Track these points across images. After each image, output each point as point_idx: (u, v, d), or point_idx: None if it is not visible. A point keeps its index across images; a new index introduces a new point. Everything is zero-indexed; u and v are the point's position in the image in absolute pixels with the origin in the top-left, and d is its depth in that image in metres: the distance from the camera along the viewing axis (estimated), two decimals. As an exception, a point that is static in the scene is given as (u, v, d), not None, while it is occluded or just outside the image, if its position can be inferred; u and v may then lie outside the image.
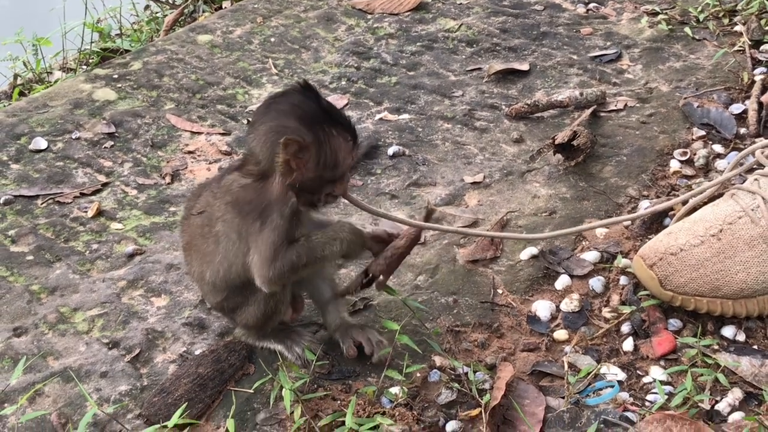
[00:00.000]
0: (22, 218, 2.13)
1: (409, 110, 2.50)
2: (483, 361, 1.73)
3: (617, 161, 2.23)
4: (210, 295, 1.72)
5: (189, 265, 1.74)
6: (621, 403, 1.62)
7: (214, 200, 1.63)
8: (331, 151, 1.56)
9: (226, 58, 2.78)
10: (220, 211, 1.61)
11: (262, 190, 1.57)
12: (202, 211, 1.64)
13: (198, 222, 1.65)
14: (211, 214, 1.62)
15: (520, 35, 2.82)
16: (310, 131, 1.52)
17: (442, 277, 1.93)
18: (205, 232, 1.64)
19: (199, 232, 1.65)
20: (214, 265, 1.64)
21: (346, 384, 1.69)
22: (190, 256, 1.71)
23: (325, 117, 1.56)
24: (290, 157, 1.51)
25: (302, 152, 1.52)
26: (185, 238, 1.72)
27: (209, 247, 1.63)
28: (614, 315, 1.82)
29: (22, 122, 2.48)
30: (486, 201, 2.14)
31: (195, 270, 1.70)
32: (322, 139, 1.54)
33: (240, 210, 1.58)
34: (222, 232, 1.61)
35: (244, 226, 1.58)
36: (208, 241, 1.63)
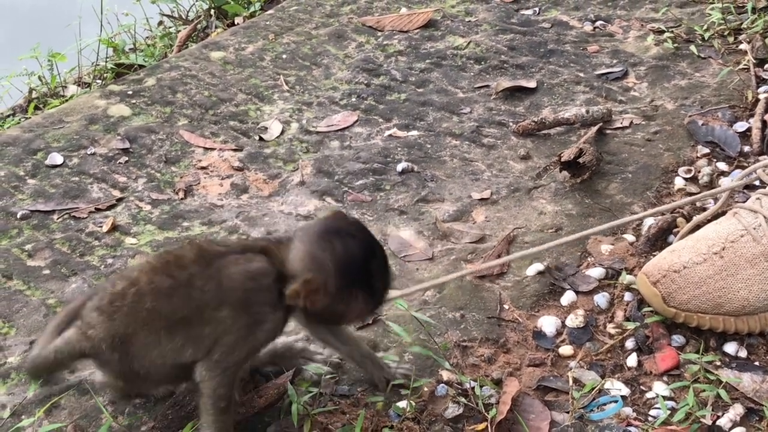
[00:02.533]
0: (39, 233, 2.18)
1: (417, 127, 2.54)
2: (489, 376, 1.76)
3: (622, 178, 2.27)
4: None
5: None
6: (624, 418, 1.66)
7: (219, 284, 1.51)
8: (344, 307, 1.54)
9: (238, 75, 2.83)
10: (226, 297, 1.51)
11: (269, 294, 1.52)
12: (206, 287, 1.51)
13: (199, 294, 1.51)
14: (215, 297, 1.51)
15: (527, 53, 2.86)
16: (339, 284, 1.49)
17: (450, 292, 1.96)
18: (202, 314, 1.51)
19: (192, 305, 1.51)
20: (193, 346, 1.52)
21: (354, 398, 1.72)
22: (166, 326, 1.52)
23: (362, 278, 1.52)
24: (303, 292, 1.48)
25: (316, 295, 1.49)
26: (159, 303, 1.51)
27: (202, 332, 1.52)
28: (619, 331, 1.85)
29: (38, 138, 2.53)
30: (493, 217, 2.18)
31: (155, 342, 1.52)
32: (344, 296, 1.51)
33: (243, 303, 1.51)
34: (214, 319, 1.51)
35: (235, 322, 1.51)
36: (202, 327, 1.51)
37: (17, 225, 2.20)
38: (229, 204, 2.27)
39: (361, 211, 2.22)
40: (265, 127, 2.57)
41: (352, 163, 2.40)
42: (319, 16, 3.17)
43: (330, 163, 2.40)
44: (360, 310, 1.57)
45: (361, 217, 2.20)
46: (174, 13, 3.72)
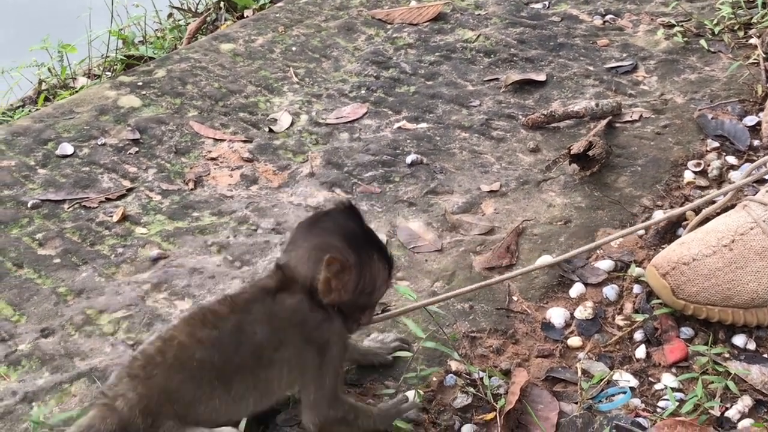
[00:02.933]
0: (49, 222, 2.19)
1: (427, 119, 2.54)
2: (498, 367, 1.77)
3: (632, 171, 2.27)
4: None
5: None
6: (633, 409, 1.66)
7: (244, 328, 1.49)
8: (371, 276, 1.53)
9: (248, 67, 2.83)
10: (281, 336, 1.49)
11: (316, 316, 1.50)
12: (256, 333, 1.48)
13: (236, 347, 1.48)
14: (269, 338, 1.49)
15: (537, 46, 2.86)
16: (354, 253, 1.49)
17: (459, 283, 1.97)
18: (261, 358, 1.49)
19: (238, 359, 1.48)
20: (228, 402, 1.48)
21: (363, 388, 1.73)
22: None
23: (368, 240, 1.54)
24: (332, 276, 1.47)
25: (344, 273, 1.48)
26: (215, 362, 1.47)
27: (266, 376, 1.50)
28: (627, 323, 1.85)
29: (48, 128, 2.54)
30: (502, 209, 2.18)
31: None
32: (365, 262, 1.51)
33: (301, 336, 1.50)
34: (285, 359, 1.50)
35: (303, 356, 1.51)
36: (263, 371, 1.49)
37: (28, 214, 2.21)
38: (238, 195, 2.28)
39: (370, 203, 2.22)
40: (275, 119, 2.58)
41: (361, 154, 2.40)
42: (329, 8, 3.18)
43: (339, 154, 2.40)
44: (383, 275, 1.56)
45: (371, 209, 2.20)
46: (184, 6, 3.73)
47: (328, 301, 1.50)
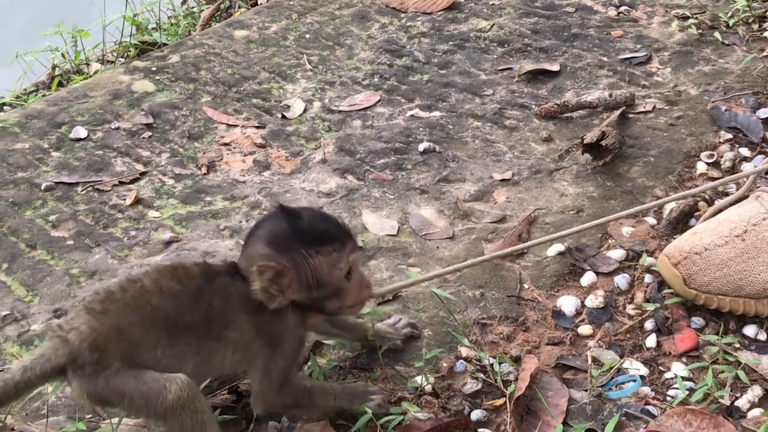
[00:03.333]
0: (63, 204, 2.20)
1: (440, 108, 2.54)
2: (508, 353, 1.77)
3: (645, 162, 2.27)
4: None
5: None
6: (643, 397, 1.66)
7: (203, 294, 1.51)
8: (314, 269, 1.52)
9: (261, 54, 2.83)
10: (233, 317, 1.52)
11: (267, 313, 1.52)
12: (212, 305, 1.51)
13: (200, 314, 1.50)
14: (200, 309, 1.50)
15: (551, 36, 2.86)
16: (284, 255, 1.50)
17: (470, 270, 1.97)
18: (210, 328, 1.51)
19: (199, 324, 1.50)
20: (170, 357, 1.49)
21: (373, 371, 1.74)
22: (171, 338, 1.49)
23: (299, 239, 1.52)
24: (267, 284, 1.48)
25: (279, 277, 1.49)
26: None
27: (210, 346, 1.52)
28: (638, 312, 1.85)
29: (62, 111, 2.55)
30: (514, 198, 2.18)
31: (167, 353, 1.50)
32: (298, 260, 1.51)
33: (251, 325, 1.53)
34: (231, 339, 1.52)
35: (252, 344, 1.53)
36: (209, 341, 1.51)
37: (41, 196, 2.22)
38: (251, 180, 2.29)
39: (382, 190, 2.23)
40: (288, 106, 2.58)
41: (374, 142, 2.40)
42: (343, -4, 3.18)
43: (352, 141, 2.41)
44: (329, 261, 1.53)
45: (383, 196, 2.20)
46: (197, -7, 3.73)
47: (277, 306, 1.50)
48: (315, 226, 1.55)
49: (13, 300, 1.92)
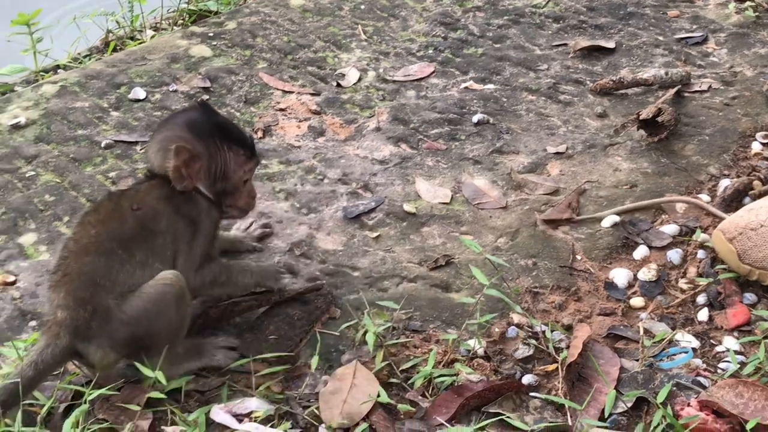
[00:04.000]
0: (122, 162, 2.24)
1: (494, 81, 2.55)
2: (560, 322, 1.79)
3: (699, 140, 2.27)
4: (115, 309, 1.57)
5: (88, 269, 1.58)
6: (694, 368, 1.67)
7: (123, 206, 1.64)
8: (223, 163, 1.68)
9: (317, 23, 2.86)
10: (157, 209, 1.65)
11: (181, 196, 1.66)
12: (138, 208, 1.64)
13: (120, 225, 1.62)
14: (130, 218, 1.63)
15: (606, 14, 2.86)
16: (201, 142, 1.65)
17: (523, 240, 1.99)
18: (146, 228, 1.63)
19: (118, 236, 1.60)
20: (138, 268, 1.60)
21: (426, 334, 1.76)
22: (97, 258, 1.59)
23: (218, 132, 1.68)
24: (181, 165, 1.62)
25: (192, 160, 1.63)
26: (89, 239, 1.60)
27: (157, 243, 1.63)
28: (691, 286, 1.86)
29: (121, 73, 2.59)
30: (568, 171, 2.19)
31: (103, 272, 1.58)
32: (213, 150, 1.67)
33: (172, 210, 1.66)
34: (163, 229, 1.64)
35: (177, 227, 1.66)
36: (154, 239, 1.63)
37: (101, 153, 2.27)
38: (306, 145, 2.31)
39: (435, 159, 2.25)
40: (343, 74, 2.60)
41: (427, 112, 2.42)
42: (398, -31, 3.19)
43: (406, 111, 2.43)
44: (238, 161, 1.70)
45: (436, 165, 2.22)
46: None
47: (182, 188, 1.64)
48: (233, 129, 1.74)
49: (74, 252, 1.96)
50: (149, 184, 1.68)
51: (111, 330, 1.54)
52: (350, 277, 1.89)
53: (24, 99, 2.49)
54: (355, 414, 1.58)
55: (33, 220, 2.05)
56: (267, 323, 1.75)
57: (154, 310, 1.56)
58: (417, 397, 1.62)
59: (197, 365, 1.66)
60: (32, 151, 2.27)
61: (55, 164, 2.23)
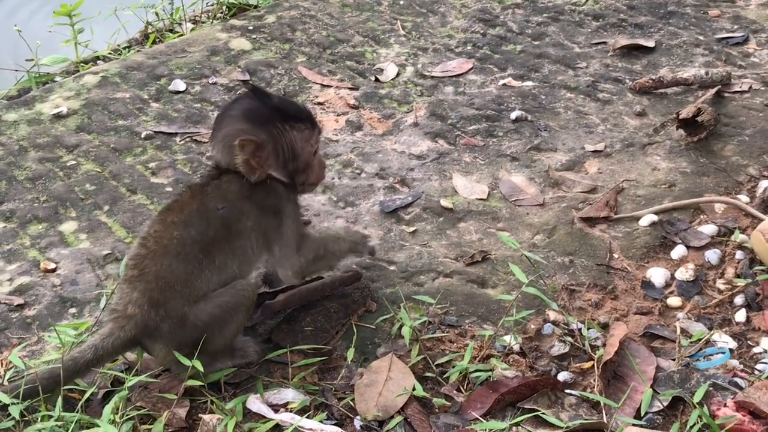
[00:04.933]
0: (162, 153, 2.26)
1: (532, 78, 2.55)
2: (596, 320, 1.79)
3: (739, 141, 2.25)
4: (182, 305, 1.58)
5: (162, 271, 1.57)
6: (731, 369, 1.66)
7: (207, 207, 1.63)
8: (290, 143, 1.66)
9: (356, 18, 2.87)
10: (238, 208, 1.64)
11: (259, 189, 1.66)
12: (223, 207, 1.63)
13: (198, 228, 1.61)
14: (212, 220, 1.62)
15: (647, 13, 2.84)
16: (263, 129, 1.63)
17: (560, 237, 1.98)
18: (229, 229, 1.63)
19: (195, 238, 1.60)
20: (216, 273, 1.61)
21: (461, 329, 1.76)
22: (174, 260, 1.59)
23: (275, 115, 1.65)
24: (249, 157, 1.61)
25: (259, 150, 1.62)
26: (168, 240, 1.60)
27: (239, 244, 1.64)
28: (728, 287, 1.85)
29: (161, 64, 2.61)
30: (606, 169, 2.18)
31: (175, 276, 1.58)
32: (276, 134, 1.65)
33: (256, 207, 1.65)
34: (248, 228, 1.64)
35: (263, 222, 1.66)
36: (236, 240, 1.63)
37: (141, 144, 2.29)
38: (344, 139, 2.32)
39: (473, 155, 2.25)
40: (381, 69, 2.61)
41: (465, 108, 2.42)
42: (438, -35, 3.19)
43: (444, 107, 2.43)
44: (302, 137, 1.68)
45: (473, 161, 2.23)
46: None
47: (257, 179, 1.64)
48: (288, 106, 1.71)
49: (114, 240, 1.99)
50: (226, 180, 1.65)
51: (180, 334, 1.56)
52: (387, 271, 1.90)
53: (65, 89, 2.52)
54: (390, 407, 1.58)
55: (74, 208, 2.08)
56: (303, 315, 1.76)
57: (226, 318, 1.59)
58: (452, 392, 1.62)
59: (229, 364, 1.66)
60: (73, 140, 2.30)
61: (95, 154, 2.25)
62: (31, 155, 2.25)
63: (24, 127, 2.36)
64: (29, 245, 1.98)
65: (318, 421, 1.54)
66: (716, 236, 1.97)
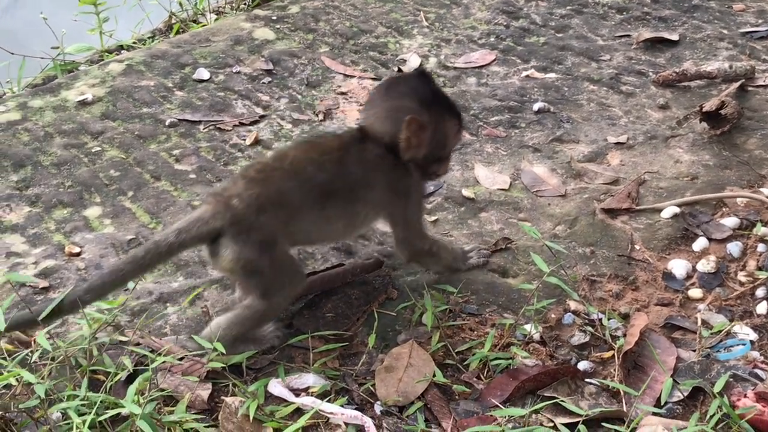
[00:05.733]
0: (186, 140, 2.27)
1: (555, 70, 2.55)
2: (617, 310, 1.79)
3: (762, 134, 2.24)
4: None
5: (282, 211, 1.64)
6: (751, 360, 1.66)
7: (345, 163, 1.68)
8: (444, 132, 1.72)
9: (379, 8, 2.87)
10: (371, 179, 1.69)
11: (398, 168, 1.70)
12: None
13: (322, 178, 1.66)
14: (344, 176, 1.67)
15: (671, 6, 2.84)
16: (427, 112, 1.68)
17: (581, 228, 1.99)
18: (353, 192, 1.68)
19: (320, 189, 1.65)
20: (321, 221, 1.68)
21: (482, 317, 1.77)
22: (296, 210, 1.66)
23: (440, 102, 1.72)
24: (411, 135, 1.65)
25: (421, 131, 1.66)
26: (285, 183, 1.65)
27: (354, 208, 1.70)
28: (750, 279, 1.85)
29: (186, 53, 2.63)
30: (628, 162, 2.18)
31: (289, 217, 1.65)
32: (438, 120, 1.70)
33: (386, 183, 1.70)
34: (371, 199, 1.70)
35: (389, 200, 1.72)
36: (353, 204, 1.69)
37: (165, 131, 2.31)
38: (366, 129, 2.33)
39: (495, 146, 2.25)
40: (404, 60, 2.61)
41: (488, 99, 2.43)
42: (461, -43, 3.19)
43: (466, 97, 2.43)
44: (453, 129, 1.75)
45: (495, 152, 2.23)
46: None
47: (408, 157, 1.69)
48: (449, 99, 1.77)
49: (138, 226, 2.00)
50: (371, 147, 1.70)
51: (255, 255, 1.60)
52: (408, 259, 1.91)
53: (91, 76, 2.54)
54: (411, 393, 1.59)
55: (98, 193, 2.10)
56: (325, 302, 1.77)
57: (273, 282, 1.63)
58: (472, 379, 1.63)
59: (252, 348, 1.67)
60: (98, 127, 2.32)
61: (120, 140, 2.27)
62: (57, 141, 2.27)
63: (49, 114, 2.38)
64: (54, 229, 2.00)
65: (339, 405, 1.55)
66: (738, 229, 1.97)
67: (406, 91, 1.70)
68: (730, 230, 1.96)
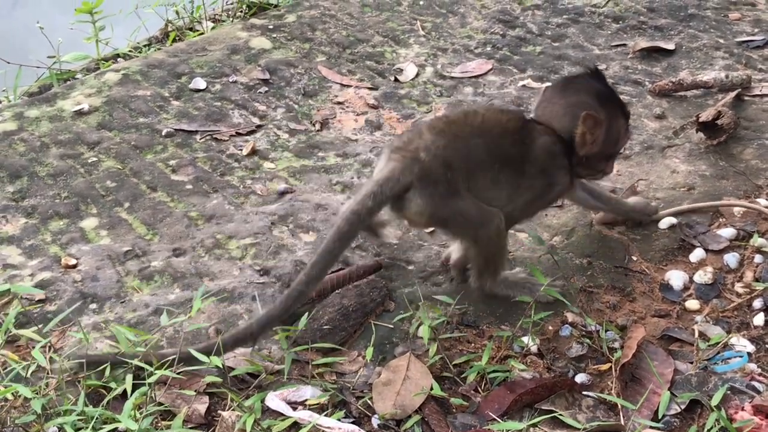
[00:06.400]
0: (182, 150, 2.27)
1: (552, 79, 2.55)
2: (614, 322, 1.79)
3: (759, 144, 2.25)
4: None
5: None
6: (749, 372, 1.66)
7: (525, 140, 1.74)
8: (616, 130, 1.76)
9: (376, 18, 2.87)
10: (536, 157, 1.74)
11: (560, 161, 1.76)
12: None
13: (511, 151, 1.73)
14: (521, 149, 1.73)
15: (667, 15, 2.84)
16: (604, 110, 1.73)
17: (578, 239, 1.99)
18: (522, 164, 1.73)
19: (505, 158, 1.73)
20: (491, 184, 1.73)
21: (479, 329, 1.77)
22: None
23: (612, 98, 1.77)
24: (587, 131, 1.70)
25: (596, 127, 1.71)
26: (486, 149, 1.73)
27: (517, 180, 1.75)
28: (747, 290, 1.85)
29: (182, 63, 2.63)
30: (625, 171, 2.18)
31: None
32: (612, 117, 1.74)
33: (542, 168, 1.75)
34: (528, 175, 1.74)
35: (533, 183, 1.76)
36: (519, 176, 1.74)
37: (162, 141, 2.30)
38: (363, 139, 2.33)
39: (492, 156, 2.25)
40: (401, 69, 2.62)
41: (484, 109, 2.43)
42: (457, -34, 3.20)
43: (463, 107, 2.43)
44: (624, 128, 1.79)
45: (492, 162, 2.23)
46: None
47: (584, 153, 1.74)
48: (621, 99, 1.82)
49: (134, 237, 2.00)
50: (538, 129, 1.75)
51: (442, 202, 1.66)
52: (405, 271, 1.90)
53: (87, 86, 2.54)
54: (408, 406, 1.59)
55: (94, 204, 2.10)
56: (322, 313, 1.76)
57: (468, 227, 1.71)
58: (470, 392, 1.63)
59: (513, 294, 1.79)
60: (95, 137, 2.32)
61: (116, 151, 2.27)
62: (53, 151, 2.26)
63: (45, 124, 2.38)
64: (50, 241, 2.00)
65: (336, 419, 1.55)
66: (735, 239, 1.97)
67: (586, 88, 1.76)
68: (727, 241, 1.96)
